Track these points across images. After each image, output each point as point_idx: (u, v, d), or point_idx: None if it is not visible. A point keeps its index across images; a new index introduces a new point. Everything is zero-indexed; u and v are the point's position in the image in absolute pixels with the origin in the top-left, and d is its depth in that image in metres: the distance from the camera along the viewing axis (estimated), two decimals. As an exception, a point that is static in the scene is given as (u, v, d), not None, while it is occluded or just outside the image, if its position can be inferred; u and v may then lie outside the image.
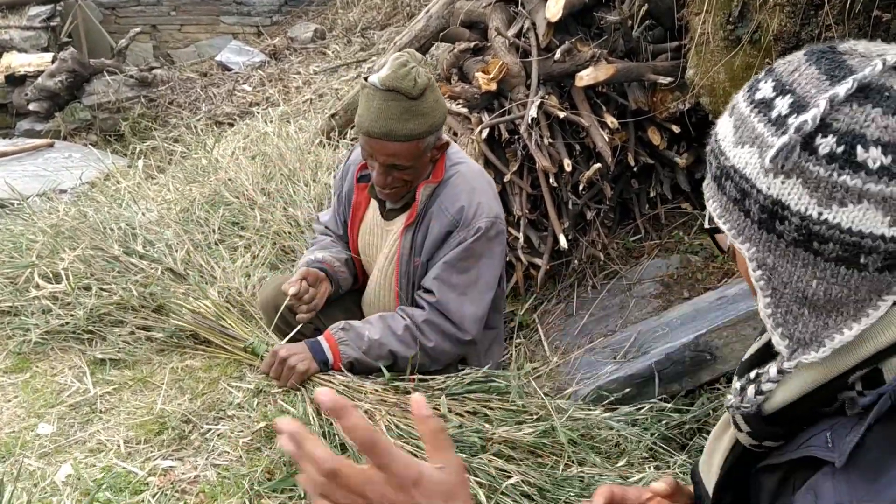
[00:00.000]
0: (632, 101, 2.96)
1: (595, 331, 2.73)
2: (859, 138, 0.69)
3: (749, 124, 0.77)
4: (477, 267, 2.03)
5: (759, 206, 0.75)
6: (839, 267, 0.73)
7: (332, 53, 7.55)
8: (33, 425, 2.40)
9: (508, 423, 1.90)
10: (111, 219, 3.13)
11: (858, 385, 0.79)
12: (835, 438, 0.79)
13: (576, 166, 2.89)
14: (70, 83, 7.14)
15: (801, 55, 0.78)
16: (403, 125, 1.86)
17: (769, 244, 0.76)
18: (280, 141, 4.03)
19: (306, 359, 1.99)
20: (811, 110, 0.71)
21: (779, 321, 0.79)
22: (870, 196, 0.69)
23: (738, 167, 0.77)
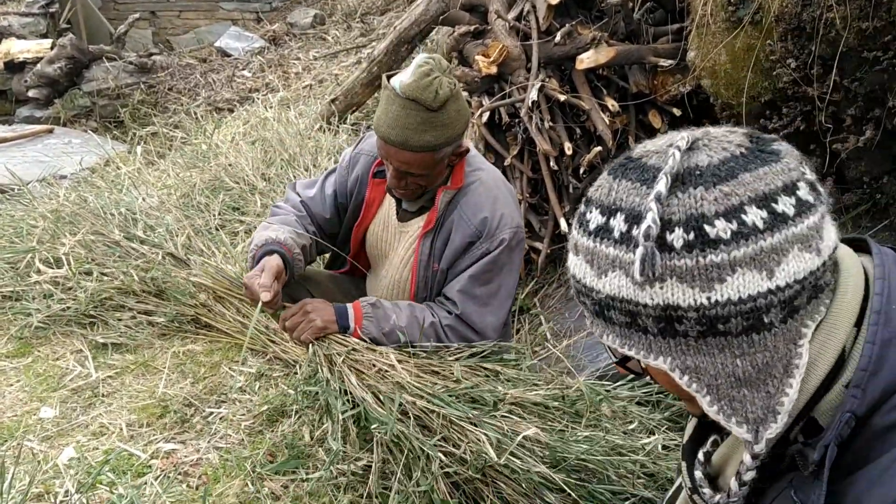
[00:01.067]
0: (632, 84, 2.95)
1: (595, 314, 2.73)
2: (702, 218, 0.73)
3: (599, 253, 0.79)
4: (499, 278, 2.03)
5: (652, 319, 0.77)
6: (750, 336, 0.75)
7: (332, 39, 7.52)
8: (35, 409, 2.41)
9: (520, 387, 1.92)
10: (111, 204, 3.13)
11: (800, 437, 0.81)
12: (801, 498, 0.80)
13: (576, 150, 2.88)
14: (69, 69, 7.12)
15: (605, 175, 0.83)
16: (420, 136, 1.82)
17: (679, 347, 0.78)
18: (280, 126, 4.03)
19: (328, 318, 1.99)
20: (647, 215, 0.74)
21: (728, 412, 0.79)
22: (739, 262, 0.73)
23: (613, 294, 0.78)
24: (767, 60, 2.38)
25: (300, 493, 2.08)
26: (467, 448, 1.79)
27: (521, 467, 1.75)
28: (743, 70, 2.41)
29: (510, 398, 1.89)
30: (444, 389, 1.91)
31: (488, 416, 1.84)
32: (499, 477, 1.80)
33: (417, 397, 1.88)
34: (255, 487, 2.05)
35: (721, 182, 0.74)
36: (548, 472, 1.74)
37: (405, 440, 1.82)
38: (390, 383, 1.93)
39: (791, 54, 2.32)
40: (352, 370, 1.99)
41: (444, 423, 1.82)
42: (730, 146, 0.78)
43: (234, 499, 2.02)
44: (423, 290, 2.12)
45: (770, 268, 0.73)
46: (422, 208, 2.09)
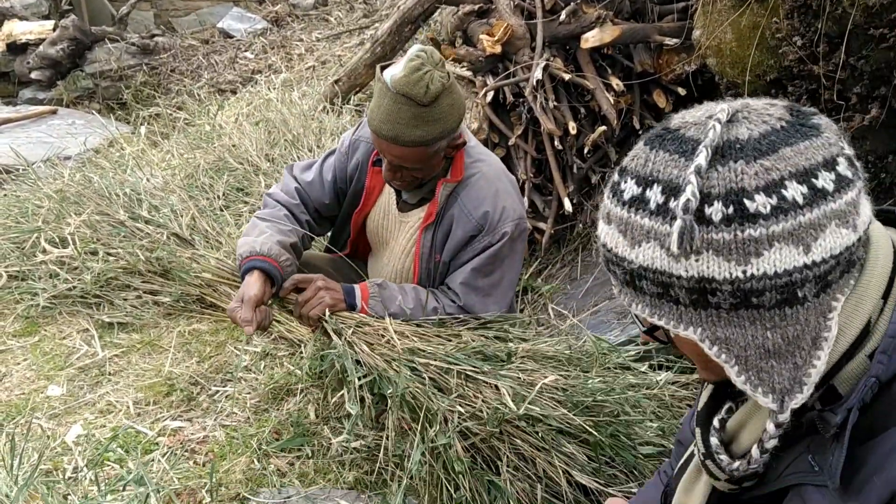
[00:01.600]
0: (637, 64, 2.94)
1: (600, 294, 2.74)
2: (741, 193, 0.73)
3: (634, 223, 0.78)
4: (501, 269, 2.03)
5: (685, 291, 0.77)
6: (783, 309, 0.75)
7: (335, 20, 7.48)
8: (43, 387, 2.43)
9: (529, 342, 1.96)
10: (116, 184, 3.13)
11: (817, 404, 0.82)
12: (819, 461, 0.81)
13: (581, 129, 2.88)
14: (72, 51, 7.10)
15: (642, 146, 0.82)
16: (412, 131, 1.80)
17: (711, 319, 0.78)
18: (283, 107, 4.02)
19: (337, 296, 2.00)
20: (686, 188, 0.73)
21: (755, 383, 0.79)
22: (777, 237, 0.73)
23: (646, 265, 0.78)
24: (773, 38, 2.36)
25: (306, 469, 2.10)
26: (483, 405, 1.79)
27: (540, 414, 1.75)
28: (748, 48, 2.40)
29: (522, 351, 1.92)
30: (456, 348, 1.93)
31: (503, 369, 1.87)
32: (516, 433, 1.81)
33: (431, 359, 1.89)
34: (261, 464, 2.06)
35: (762, 156, 0.74)
36: (568, 415, 1.76)
37: (421, 398, 1.82)
38: (401, 349, 1.94)
39: (797, 32, 2.30)
40: (361, 340, 2.01)
41: (458, 381, 1.84)
42: (770, 119, 0.77)
43: (241, 475, 2.04)
44: (427, 281, 2.13)
45: (807, 243, 0.73)
46: (422, 200, 2.08)
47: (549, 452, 1.79)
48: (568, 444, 1.80)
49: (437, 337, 2.01)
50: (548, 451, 1.79)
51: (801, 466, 0.84)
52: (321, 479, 2.06)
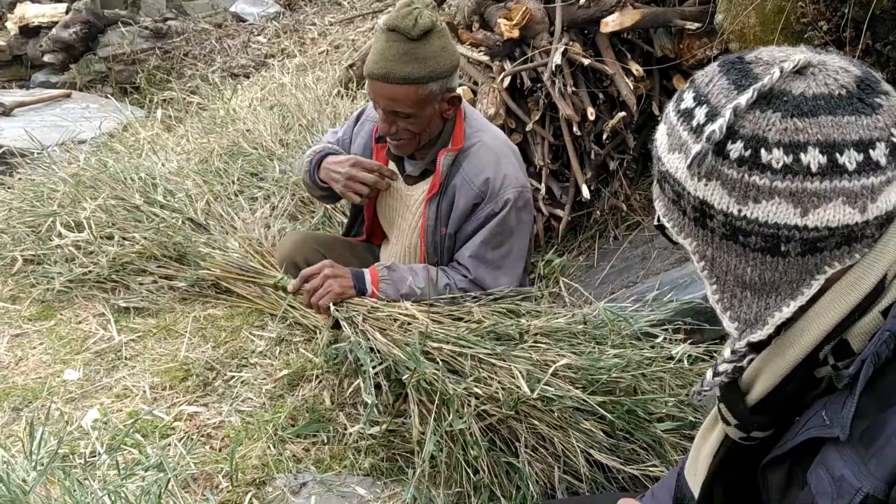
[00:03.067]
0: (658, 49, 2.90)
1: (616, 282, 2.72)
2: (762, 142, 0.77)
3: (676, 132, 0.84)
4: (510, 240, 2.03)
5: (691, 206, 0.83)
6: (765, 255, 0.81)
7: (348, 4, 7.43)
8: (59, 371, 2.44)
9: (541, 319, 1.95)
10: (131, 169, 3.13)
11: (831, 359, 0.85)
12: (831, 415, 0.84)
13: (599, 115, 2.84)
14: (84, 34, 7.08)
15: (715, 66, 0.86)
16: (402, 67, 1.83)
17: (705, 238, 0.84)
18: (298, 91, 3.99)
19: (347, 284, 2.00)
20: (718, 120, 0.78)
21: (726, 305, 0.87)
22: (779, 192, 0.77)
23: (671, 172, 0.85)
24: (798, 23, 2.32)
25: (322, 455, 2.10)
26: (499, 386, 1.79)
27: (555, 395, 1.75)
28: (773, 33, 2.36)
29: (535, 329, 1.90)
30: (468, 331, 1.92)
31: (516, 349, 1.85)
32: (532, 412, 1.80)
33: (443, 343, 1.88)
34: (277, 450, 2.07)
35: (800, 116, 0.76)
36: (582, 396, 1.75)
37: (437, 383, 1.81)
38: (414, 334, 1.94)
39: (823, 16, 2.26)
40: (374, 328, 2.00)
41: (472, 363, 1.83)
42: (834, 84, 0.78)
43: (257, 461, 2.04)
44: (434, 255, 2.13)
45: (806, 207, 0.77)
46: (425, 172, 2.08)
47: (566, 431, 1.79)
48: (585, 422, 1.79)
49: (448, 317, 2.00)
50: (565, 430, 1.79)
51: (814, 422, 0.87)
52: (337, 465, 2.06)
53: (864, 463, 0.80)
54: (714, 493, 1.07)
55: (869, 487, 0.79)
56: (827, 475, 0.84)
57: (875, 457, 0.79)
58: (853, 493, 0.80)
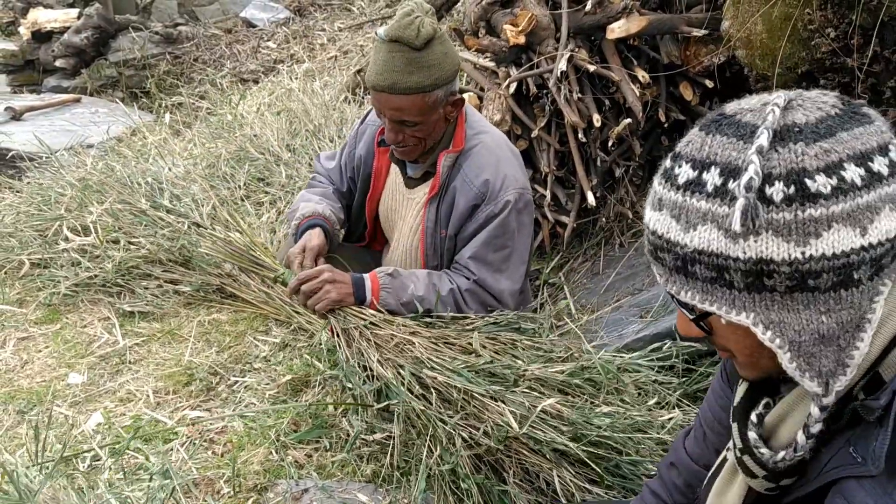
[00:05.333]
0: (664, 55, 2.89)
1: (622, 289, 2.70)
2: (802, 173, 0.74)
3: (689, 207, 0.79)
4: (511, 243, 2.02)
5: (741, 273, 0.77)
6: (838, 292, 0.76)
7: (357, 10, 7.46)
8: (64, 375, 2.44)
9: (539, 362, 1.92)
10: (138, 173, 3.14)
11: (861, 394, 0.82)
12: (861, 451, 0.80)
13: (605, 122, 2.83)
14: (96, 39, 7.15)
15: (696, 131, 0.83)
16: (407, 77, 1.83)
17: (765, 303, 0.78)
18: (305, 97, 4.01)
19: (345, 291, 1.97)
20: (749, 168, 0.74)
21: (804, 368, 0.80)
22: (836, 218, 0.74)
23: (701, 248, 0.79)
24: (806, 30, 2.31)
25: (324, 461, 2.09)
26: (489, 421, 1.78)
27: (544, 439, 1.74)
28: (779, 40, 2.34)
29: (530, 374, 1.88)
30: (464, 365, 1.90)
31: (509, 392, 1.84)
32: (521, 448, 1.79)
33: (438, 372, 1.87)
34: (279, 455, 2.06)
35: (820, 139, 0.75)
36: (570, 445, 1.74)
37: (426, 418, 1.81)
38: (409, 358, 1.92)
39: (830, 23, 2.25)
40: (370, 343, 1.99)
41: (465, 398, 1.82)
42: (824, 107, 0.79)
43: (259, 466, 2.03)
44: (434, 258, 2.12)
45: (864, 225, 0.75)
46: (426, 174, 2.09)
47: (553, 470, 1.78)
48: (569, 467, 1.78)
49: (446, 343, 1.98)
50: (554, 468, 1.78)
51: (842, 460, 0.84)
52: (339, 472, 2.06)
53: (889, 494, 0.78)
54: None
55: None
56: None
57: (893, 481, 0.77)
58: None
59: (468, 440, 1.77)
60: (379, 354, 1.95)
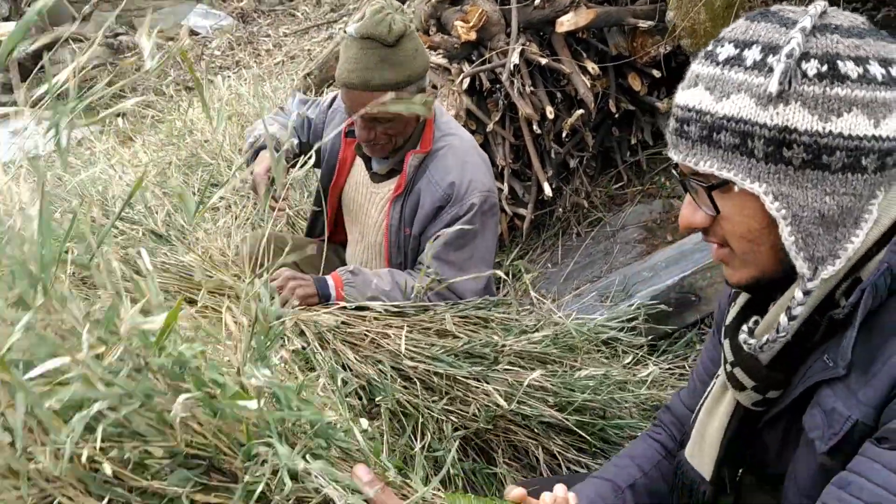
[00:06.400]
0: (612, 47, 2.95)
1: (581, 277, 2.75)
2: (836, 56, 0.82)
3: (727, 79, 0.85)
4: (473, 243, 2.01)
5: (763, 141, 0.83)
6: (846, 175, 0.83)
7: (302, 15, 7.42)
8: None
9: (514, 336, 1.93)
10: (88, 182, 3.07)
11: (843, 300, 0.88)
12: (832, 356, 0.87)
13: (558, 114, 2.88)
14: (35, 51, 6.96)
15: (743, 21, 0.90)
16: (381, 74, 1.82)
17: (779, 175, 0.84)
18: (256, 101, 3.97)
19: (309, 290, 1.94)
20: (792, 41, 0.81)
21: (800, 245, 0.86)
22: (856, 102, 0.81)
23: (731, 115, 0.84)
24: (747, 18, 2.38)
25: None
26: (476, 403, 1.79)
27: (531, 413, 1.76)
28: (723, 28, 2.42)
29: (508, 349, 1.89)
30: (443, 350, 1.92)
31: (491, 370, 1.86)
32: (509, 425, 1.81)
33: (418, 362, 1.87)
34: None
35: (853, 37, 0.83)
36: (557, 416, 1.77)
37: (412, 408, 1.81)
38: (386, 352, 1.93)
39: (770, 11, 2.32)
40: (345, 344, 1.98)
41: (448, 383, 1.82)
42: (856, 21, 0.87)
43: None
44: (398, 256, 2.12)
45: (878, 117, 0.82)
46: (392, 171, 2.08)
47: (540, 443, 1.80)
48: (557, 437, 1.81)
49: (421, 330, 1.99)
50: (540, 441, 1.80)
51: (817, 368, 0.90)
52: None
53: (855, 393, 0.84)
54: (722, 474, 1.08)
55: (858, 415, 0.83)
56: (819, 412, 0.88)
57: (865, 386, 0.83)
58: (843, 421, 0.85)
59: (457, 424, 1.78)
60: (355, 354, 1.94)
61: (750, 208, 0.87)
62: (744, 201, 0.87)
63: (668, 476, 1.23)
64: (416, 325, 2.00)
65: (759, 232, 0.88)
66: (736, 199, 0.88)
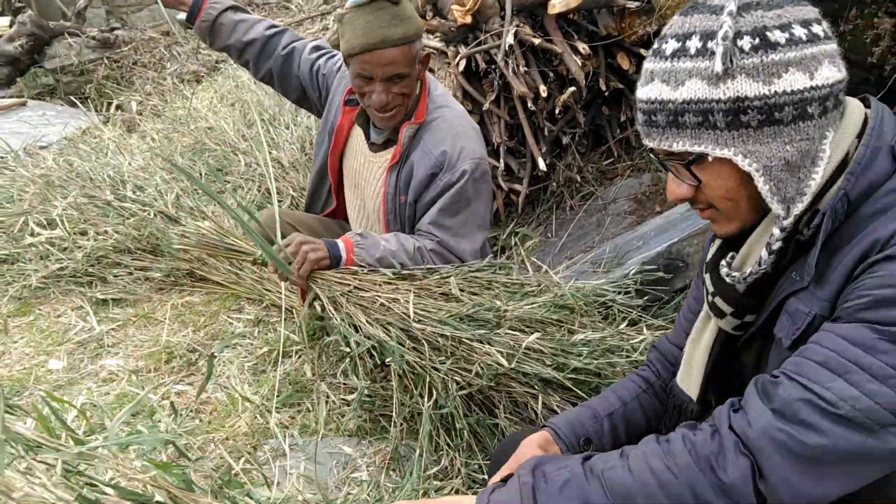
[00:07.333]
0: (601, 28, 3.07)
1: (574, 248, 2.87)
2: (764, 29, 0.95)
3: (677, 69, 0.99)
4: (467, 209, 2.12)
5: (722, 114, 0.96)
6: (797, 124, 0.96)
7: (296, 7, 7.50)
8: (43, 362, 2.48)
9: (516, 300, 2.04)
10: (99, 167, 3.18)
11: (806, 230, 1.02)
12: (799, 272, 1.02)
13: (551, 93, 3.00)
14: (31, 47, 7.01)
15: (678, 17, 1.03)
16: (395, 30, 1.95)
17: (743, 138, 0.97)
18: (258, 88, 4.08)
19: (322, 252, 2.02)
20: (724, 25, 0.94)
21: (773, 191, 0.99)
22: (791, 62, 0.94)
23: (689, 98, 0.97)
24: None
25: (307, 421, 2.19)
26: (479, 363, 1.90)
27: (530, 371, 1.89)
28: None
29: (510, 314, 2.01)
30: (448, 314, 2.03)
31: (493, 333, 1.97)
32: (510, 383, 1.93)
33: (426, 324, 1.97)
34: (263, 419, 2.16)
35: (774, 8, 0.97)
36: (554, 375, 1.89)
37: (420, 368, 1.91)
38: (396, 315, 2.01)
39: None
40: (357, 307, 2.08)
41: (453, 344, 1.93)
42: None
43: (246, 428, 2.12)
44: (395, 223, 2.22)
45: (811, 71, 0.95)
46: (388, 142, 2.19)
47: (539, 398, 1.91)
48: (555, 394, 1.93)
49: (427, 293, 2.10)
50: (538, 398, 1.92)
51: (785, 284, 1.04)
52: (323, 428, 2.16)
53: (814, 295, 0.98)
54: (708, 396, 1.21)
55: (817, 309, 0.98)
56: (786, 316, 1.02)
57: (822, 286, 0.98)
58: (804, 317, 0.99)
59: (461, 382, 1.89)
60: (366, 316, 2.03)
61: (725, 172, 1.01)
62: (719, 167, 1.01)
63: (648, 408, 1.37)
64: (423, 289, 2.12)
65: (736, 190, 1.02)
66: (711, 167, 1.01)
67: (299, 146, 3.44)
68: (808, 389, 0.90)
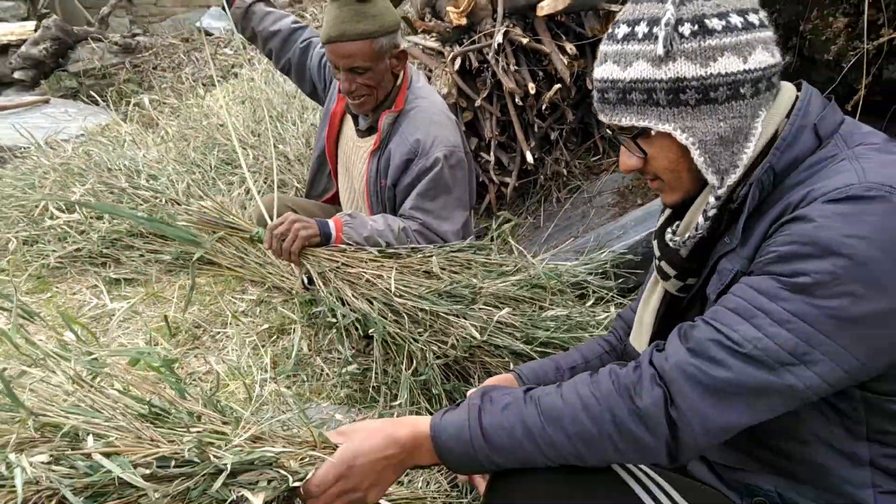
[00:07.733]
0: (588, 30, 3.23)
1: (559, 238, 3.02)
2: (703, 17, 1.05)
3: (626, 51, 1.08)
4: (445, 193, 2.25)
5: (664, 93, 1.06)
6: (731, 103, 1.06)
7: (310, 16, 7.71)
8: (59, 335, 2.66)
9: (492, 278, 2.19)
10: (115, 158, 3.37)
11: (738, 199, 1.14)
12: (731, 237, 1.14)
13: (539, 91, 3.16)
14: (55, 50, 7.26)
15: (630, 4, 1.12)
16: (355, 26, 2.11)
17: (682, 114, 1.07)
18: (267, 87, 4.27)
19: (312, 230, 2.15)
20: (667, 13, 1.04)
21: (708, 163, 1.10)
22: (726, 48, 1.04)
23: (635, 78, 1.07)
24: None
25: (302, 392, 2.35)
26: (454, 335, 2.05)
27: (501, 344, 2.03)
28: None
29: (485, 291, 2.16)
30: (428, 290, 2.17)
31: (469, 309, 2.12)
32: (484, 355, 2.07)
33: (406, 299, 2.12)
34: (261, 389, 2.31)
35: None
36: (523, 347, 2.03)
37: (401, 339, 2.07)
38: (380, 290, 2.16)
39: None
40: (344, 282, 2.23)
41: (431, 317, 2.08)
42: None
43: (244, 397, 2.28)
44: (377, 204, 2.37)
45: (745, 56, 1.05)
46: (370, 129, 2.35)
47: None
48: None
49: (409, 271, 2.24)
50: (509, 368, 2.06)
51: (719, 248, 1.17)
52: (315, 397, 2.32)
53: (742, 256, 1.11)
54: None
55: (739, 266, 1.11)
56: (717, 276, 1.15)
57: (745, 246, 1.10)
58: (728, 274, 1.12)
59: (438, 353, 2.04)
60: (353, 291, 2.18)
61: (667, 145, 1.11)
62: (661, 141, 1.11)
63: None
64: (405, 267, 2.27)
65: (677, 161, 1.13)
66: (655, 141, 1.12)
67: (304, 141, 3.62)
68: (719, 331, 1.03)
